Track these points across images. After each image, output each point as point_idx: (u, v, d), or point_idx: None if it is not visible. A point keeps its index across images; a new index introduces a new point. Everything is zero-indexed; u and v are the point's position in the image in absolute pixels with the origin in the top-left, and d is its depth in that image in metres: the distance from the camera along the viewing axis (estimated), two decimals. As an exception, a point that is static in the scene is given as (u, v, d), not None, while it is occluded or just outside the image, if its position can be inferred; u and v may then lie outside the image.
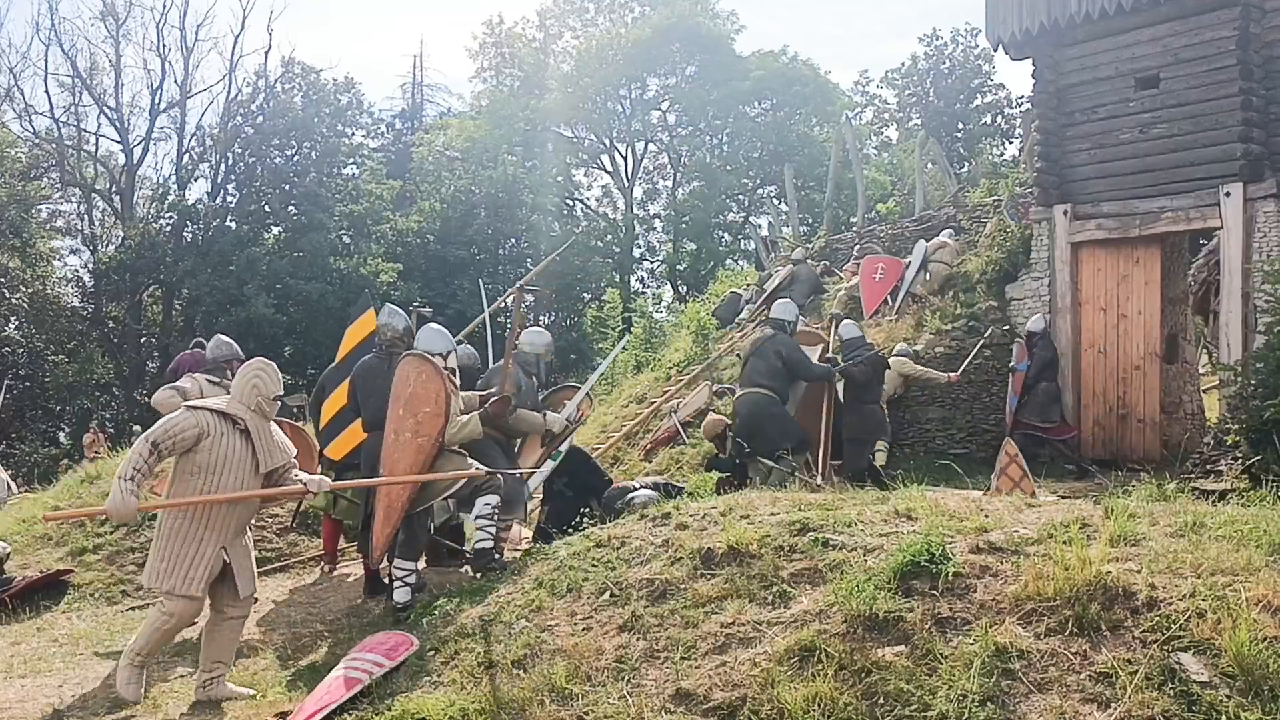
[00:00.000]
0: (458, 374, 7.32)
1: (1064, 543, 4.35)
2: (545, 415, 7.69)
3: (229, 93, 36.60)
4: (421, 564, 7.38)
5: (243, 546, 5.73)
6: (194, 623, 5.90)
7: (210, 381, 8.15)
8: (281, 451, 5.73)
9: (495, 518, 6.80)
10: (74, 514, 8.40)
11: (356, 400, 7.58)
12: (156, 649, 5.77)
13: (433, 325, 7.57)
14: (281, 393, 5.91)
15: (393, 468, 6.64)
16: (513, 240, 38.26)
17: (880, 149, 42.83)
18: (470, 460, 6.83)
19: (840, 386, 10.81)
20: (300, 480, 5.79)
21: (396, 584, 6.77)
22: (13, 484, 17.38)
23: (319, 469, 7.94)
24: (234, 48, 44.91)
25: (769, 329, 9.83)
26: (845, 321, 11.96)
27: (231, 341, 8.67)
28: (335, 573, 8.84)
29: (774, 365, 9.20)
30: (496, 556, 6.71)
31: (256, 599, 6.18)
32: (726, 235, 41.87)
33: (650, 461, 13.50)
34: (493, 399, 7.23)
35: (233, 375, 7.96)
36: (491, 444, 7.46)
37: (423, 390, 6.69)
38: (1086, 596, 3.95)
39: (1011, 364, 12.78)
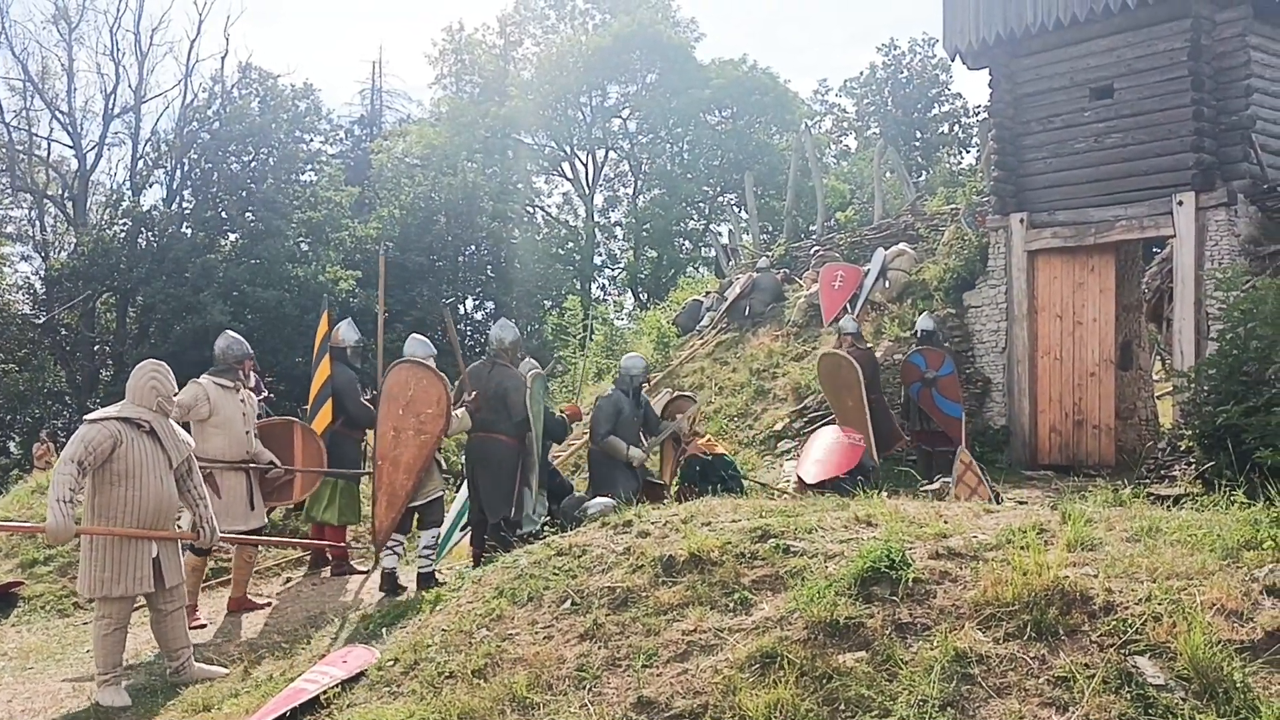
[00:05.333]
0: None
1: (1022, 548, 4.38)
2: (629, 449, 8.60)
3: (185, 98, 36.12)
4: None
5: (171, 541, 6.04)
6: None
7: (218, 385, 7.57)
8: (185, 444, 6.09)
9: (436, 547, 7.93)
10: (14, 528, 8.28)
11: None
12: (116, 657, 5.85)
13: (416, 336, 8.40)
14: (176, 391, 6.16)
15: (395, 461, 7.45)
16: (473, 247, 38.02)
17: (839, 158, 43.02)
18: (438, 477, 7.87)
19: None
20: (198, 526, 6.21)
21: (385, 552, 7.76)
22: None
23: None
24: (190, 53, 43.77)
25: None
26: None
27: (243, 340, 8.06)
28: (323, 576, 9.09)
29: None
30: (437, 578, 7.51)
31: (181, 586, 6.28)
32: (687, 243, 41.88)
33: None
34: (469, 398, 7.93)
35: (245, 375, 7.98)
36: (621, 467, 8.60)
37: (423, 394, 7.46)
38: (1044, 601, 3.98)
39: (932, 374, 11.81)
